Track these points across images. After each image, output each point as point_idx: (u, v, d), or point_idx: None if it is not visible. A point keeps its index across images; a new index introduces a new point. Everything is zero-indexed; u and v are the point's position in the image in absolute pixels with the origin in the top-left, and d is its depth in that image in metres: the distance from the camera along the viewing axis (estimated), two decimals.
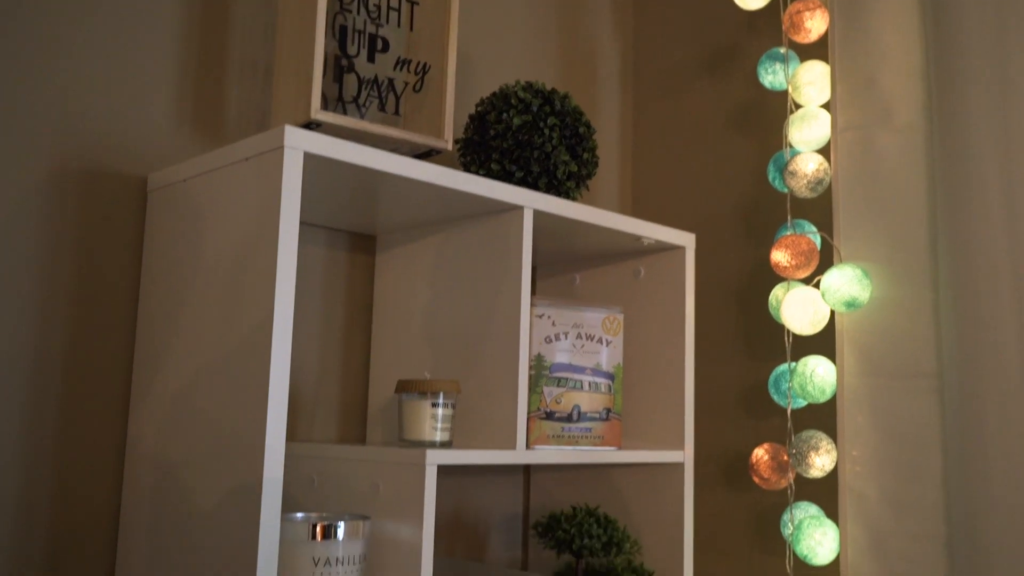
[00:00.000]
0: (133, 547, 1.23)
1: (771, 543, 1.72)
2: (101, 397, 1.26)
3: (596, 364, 1.47)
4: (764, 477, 1.56)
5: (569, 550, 1.43)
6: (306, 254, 1.49)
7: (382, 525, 1.22)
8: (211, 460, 1.12)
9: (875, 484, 1.45)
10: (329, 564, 1.12)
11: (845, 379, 1.49)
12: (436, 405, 1.26)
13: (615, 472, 1.62)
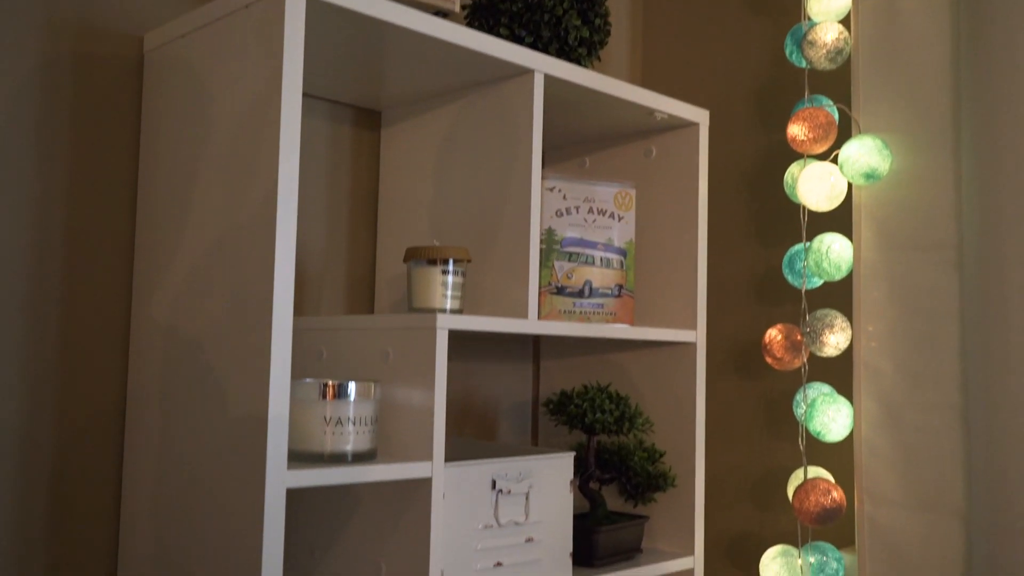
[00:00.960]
0: (143, 417, 1.22)
1: (783, 428, 1.71)
2: (103, 274, 1.23)
3: (608, 239, 1.44)
4: (777, 357, 1.54)
5: (581, 425, 1.41)
6: (310, 128, 1.45)
7: (393, 392, 1.21)
8: (220, 336, 1.10)
9: (891, 358, 1.44)
10: (341, 424, 1.10)
11: (862, 254, 1.46)
12: (446, 272, 1.24)
13: (626, 357, 1.60)
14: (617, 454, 1.50)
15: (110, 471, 1.23)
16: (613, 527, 1.43)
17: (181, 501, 1.14)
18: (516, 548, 1.27)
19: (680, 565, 1.50)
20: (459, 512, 1.21)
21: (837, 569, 1.50)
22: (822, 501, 1.42)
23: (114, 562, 1.23)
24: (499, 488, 1.25)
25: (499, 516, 1.25)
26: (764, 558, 1.54)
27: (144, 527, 1.19)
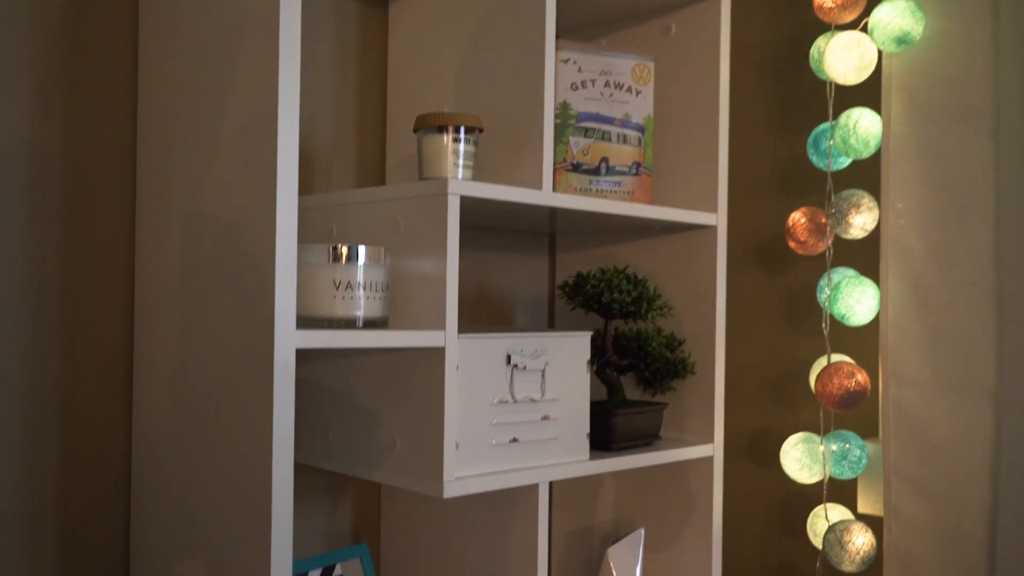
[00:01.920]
0: (155, 303, 1.19)
1: (805, 321, 1.68)
2: (105, 189, 1.20)
3: (625, 115, 1.39)
4: (801, 241, 1.50)
5: (598, 306, 1.38)
6: (317, 5, 1.40)
7: (405, 264, 1.17)
8: (229, 212, 1.06)
9: (920, 236, 1.39)
10: (351, 288, 1.07)
11: (892, 127, 1.40)
12: (457, 140, 1.19)
13: (644, 246, 1.56)
14: (635, 340, 1.47)
15: (123, 348, 1.21)
16: (631, 410, 1.41)
17: (195, 374, 1.11)
18: (532, 425, 1.24)
19: (699, 452, 1.48)
20: (473, 386, 1.18)
21: (860, 457, 1.47)
22: (846, 384, 1.39)
23: (128, 435, 1.22)
24: (514, 363, 1.22)
25: (515, 392, 1.22)
26: (785, 445, 1.51)
27: (160, 399, 1.17)
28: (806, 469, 1.47)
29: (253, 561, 0.99)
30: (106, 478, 1.20)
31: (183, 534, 1.11)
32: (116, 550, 1.20)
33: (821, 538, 1.49)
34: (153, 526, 1.16)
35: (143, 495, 1.18)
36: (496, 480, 1.19)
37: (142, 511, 1.18)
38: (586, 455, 1.32)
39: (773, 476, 1.71)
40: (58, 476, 1.16)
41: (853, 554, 1.39)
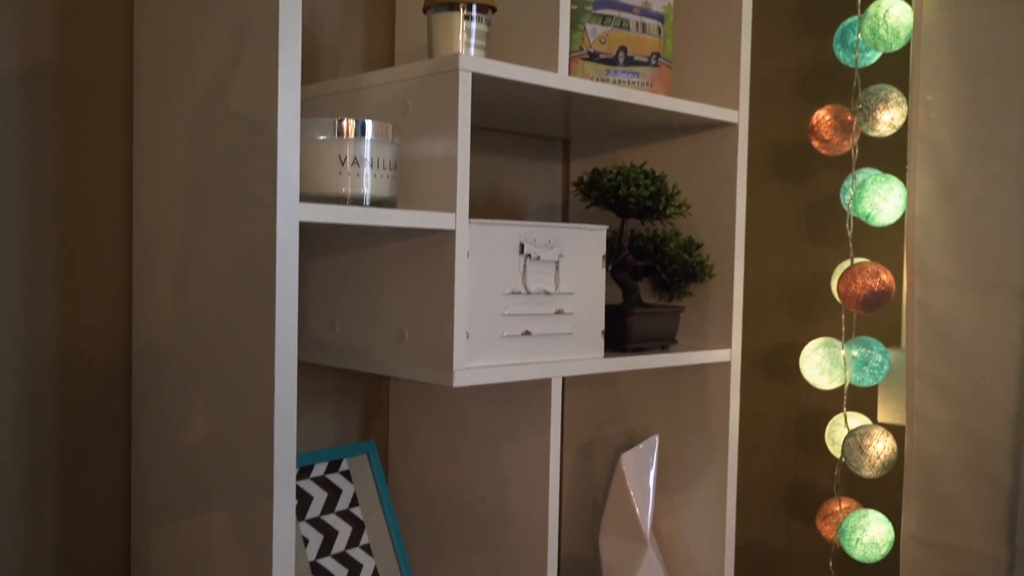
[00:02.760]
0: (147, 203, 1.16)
1: (828, 231, 1.63)
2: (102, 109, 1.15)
3: (645, 2, 1.33)
4: (825, 139, 1.44)
5: (614, 200, 1.33)
6: None
7: (413, 148, 1.13)
8: (229, 109, 1.02)
9: (951, 129, 1.33)
10: (357, 164, 1.02)
11: (924, 14, 1.34)
12: (469, 18, 1.14)
13: (662, 148, 1.51)
14: (652, 241, 1.43)
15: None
16: (647, 310, 1.37)
17: (197, 264, 1.08)
18: (545, 319, 1.21)
19: (717, 357, 1.44)
20: (485, 274, 1.14)
21: (882, 363, 1.43)
22: (870, 284, 1.34)
23: (128, 336, 1.19)
24: (528, 253, 1.18)
25: (527, 283, 1.19)
26: (805, 350, 1.47)
27: (162, 287, 1.14)
28: (826, 374, 1.44)
29: (257, 455, 0.96)
30: (106, 374, 1.17)
31: (186, 430, 1.08)
32: (118, 444, 1.18)
33: (839, 447, 1.46)
34: (155, 422, 1.14)
35: (144, 395, 1.16)
36: (507, 372, 1.15)
37: (143, 410, 1.16)
38: (600, 352, 1.28)
39: (790, 391, 1.68)
40: (57, 374, 1.13)
41: (873, 459, 1.36)
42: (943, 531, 1.36)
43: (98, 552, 1.16)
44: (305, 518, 1.11)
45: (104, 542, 1.17)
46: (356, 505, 1.17)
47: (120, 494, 1.17)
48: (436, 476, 1.35)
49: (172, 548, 1.10)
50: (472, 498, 1.30)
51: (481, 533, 1.29)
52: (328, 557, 1.12)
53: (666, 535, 1.56)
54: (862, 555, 1.37)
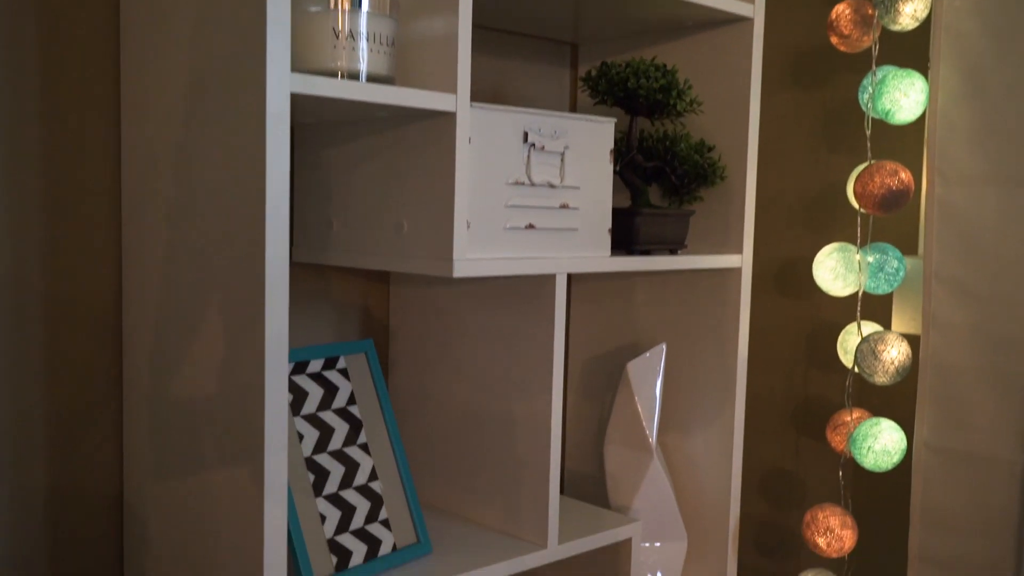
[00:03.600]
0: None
1: (843, 139, 1.57)
2: None
3: None
4: (844, 35, 1.38)
5: (623, 93, 1.27)
6: None
7: (412, 26, 1.07)
8: None
9: (978, 17, 1.27)
10: (353, 39, 0.97)
11: None
12: None
13: (673, 49, 1.45)
14: (662, 141, 1.37)
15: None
16: (656, 211, 1.32)
17: (189, 147, 1.03)
18: (550, 213, 1.16)
19: (727, 262, 1.40)
20: (487, 162, 1.09)
21: (897, 269, 1.38)
22: (888, 182, 1.29)
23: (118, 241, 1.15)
24: (532, 142, 1.13)
25: (531, 173, 1.14)
26: (819, 255, 1.42)
27: (150, 171, 1.09)
28: (840, 279, 1.39)
29: (248, 350, 0.92)
30: (94, 267, 1.13)
31: (176, 334, 1.04)
32: (108, 339, 1.14)
33: (852, 356, 1.42)
34: (145, 337, 1.10)
35: (132, 295, 1.12)
36: (510, 265, 1.11)
37: (132, 309, 1.12)
38: (607, 251, 1.23)
39: (802, 308, 1.64)
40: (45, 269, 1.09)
41: (887, 364, 1.32)
42: (957, 437, 1.33)
43: (89, 462, 1.14)
44: (300, 413, 1.08)
45: (97, 454, 1.14)
46: (354, 403, 1.14)
47: (113, 407, 1.14)
48: (437, 378, 1.32)
49: (165, 453, 1.07)
50: (474, 401, 1.27)
51: (483, 437, 1.26)
52: (324, 454, 1.08)
53: (673, 448, 1.53)
54: (873, 463, 1.34)
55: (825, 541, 1.36)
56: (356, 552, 1.07)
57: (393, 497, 1.14)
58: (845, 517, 1.37)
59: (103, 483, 1.14)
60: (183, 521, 1.05)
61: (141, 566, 1.13)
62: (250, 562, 0.93)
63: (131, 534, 1.15)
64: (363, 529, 1.09)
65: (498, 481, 1.24)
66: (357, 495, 1.10)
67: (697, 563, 1.50)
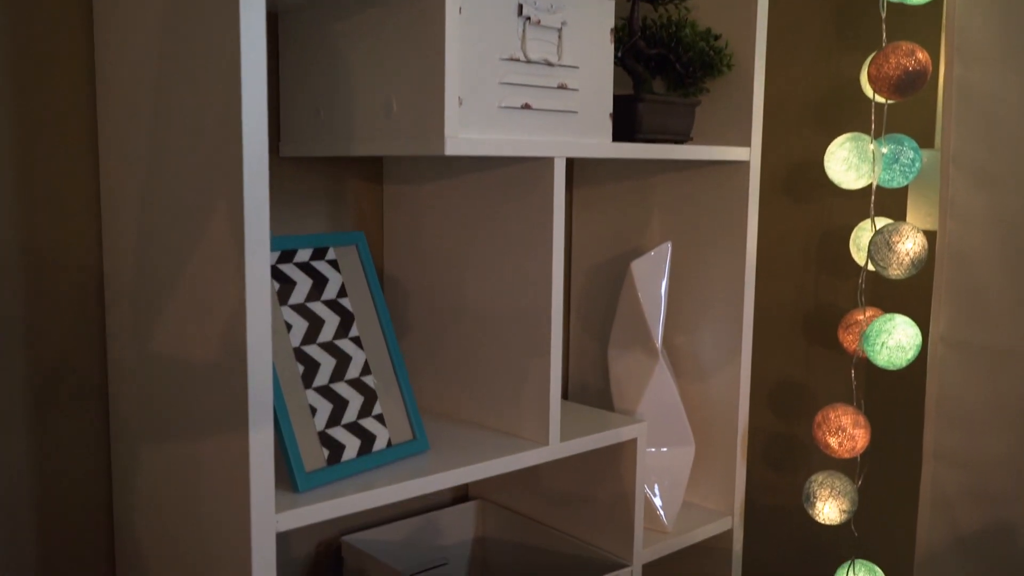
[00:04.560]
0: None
1: (856, 33, 1.49)
2: None
3: None
4: None
5: None
6: None
7: None
8: None
9: None
10: None
11: None
12: None
13: None
14: (666, 28, 1.31)
15: None
16: (660, 98, 1.26)
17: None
18: (547, 92, 1.10)
19: (735, 155, 1.34)
20: (478, 36, 1.03)
21: (913, 160, 1.32)
22: (904, 63, 1.22)
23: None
24: (527, 15, 1.06)
25: (527, 50, 1.07)
26: (831, 146, 1.36)
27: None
28: (853, 170, 1.33)
29: (227, 227, 0.87)
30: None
31: (152, 250, 0.99)
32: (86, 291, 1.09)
33: (864, 253, 1.36)
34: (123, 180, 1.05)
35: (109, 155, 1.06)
36: (504, 146, 1.05)
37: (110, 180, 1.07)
38: (608, 137, 1.18)
39: (812, 213, 1.58)
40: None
41: (902, 256, 1.26)
42: (975, 330, 1.28)
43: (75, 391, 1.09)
44: (288, 303, 1.03)
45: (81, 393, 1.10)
46: (345, 296, 1.09)
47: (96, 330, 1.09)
48: (433, 275, 1.27)
49: (147, 349, 1.03)
50: (472, 298, 1.22)
51: (481, 335, 1.21)
52: (313, 345, 1.04)
53: (679, 352, 1.48)
54: (887, 360, 1.29)
55: (837, 441, 1.32)
56: (349, 446, 1.03)
57: (387, 392, 1.10)
58: (858, 416, 1.33)
59: (90, 442, 1.11)
60: (173, 459, 1.00)
61: (130, 498, 1.09)
62: (236, 468, 0.89)
63: (120, 482, 1.11)
64: (356, 423, 1.05)
65: (498, 380, 1.20)
66: (349, 388, 1.06)
67: (705, 470, 1.46)
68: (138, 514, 1.08)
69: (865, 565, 1.40)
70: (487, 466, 1.09)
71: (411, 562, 1.36)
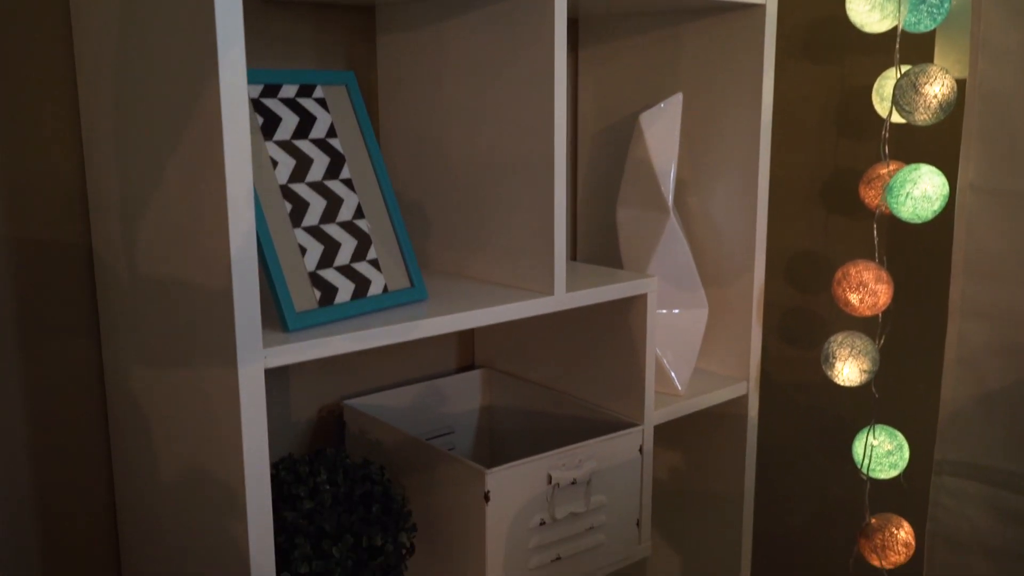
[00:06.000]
0: None
1: None
2: None
3: None
4: None
5: None
6: None
7: None
8: None
9: None
10: None
11: None
12: None
13: None
14: None
15: None
16: None
17: None
18: None
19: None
20: None
21: (941, 0, 1.23)
22: None
23: None
24: None
25: None
26: None
27: None
28: (877, 10, 1.24)
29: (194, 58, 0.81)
30: None
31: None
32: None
33: (888, 103, 1.28)
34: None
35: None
36: None
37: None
38: None
39: (831, 74, 1.49)
40: None
41: (929, 99, 1.18)
42: (1006, 175, 1.21)
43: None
44: (273, 138, 0.97)
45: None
46: (334, 136, 1.03)
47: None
48: (430, 122, 1.20)
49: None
50: (471, 144, 1.16)
51: (481, 184, 1.15)
52: (302, 184, 0.98)
53: (692, 214, 1.41)
54: (911, 212, 1.22)
55: (858, 297, 1.26)
56: (342, 289, 0.98)
57: (382, 237, 1.04)
58: (880, 272, 1.27)
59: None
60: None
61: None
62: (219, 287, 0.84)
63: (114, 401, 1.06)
64: (349, 267, 1.00)
65: (500, 233, 1.14)
66: (341, 231, 1.00)
67: (719, 337, 1.41)
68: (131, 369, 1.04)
69: (885, 430, 1.36)
70: (488, 312, 1.04)
71: (415, 430, 1.33)
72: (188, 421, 0.94)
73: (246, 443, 0.86)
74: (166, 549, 1.04)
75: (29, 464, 1.06)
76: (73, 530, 1.11)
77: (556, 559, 1.15)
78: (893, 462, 1.35)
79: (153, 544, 1.06)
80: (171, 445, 0.98)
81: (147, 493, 1.05)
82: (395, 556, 1.05)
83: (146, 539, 1.08)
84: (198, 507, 0.95)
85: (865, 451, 1.36)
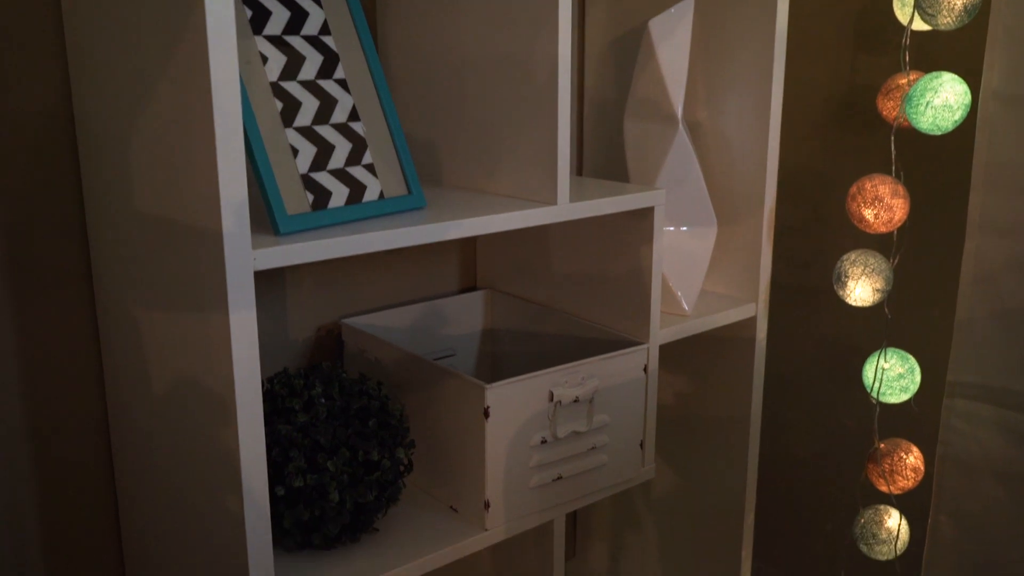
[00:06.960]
0: None
1: None
2: None
3: None
4: None
5: None
6: None
7: None
8: None
9: None
10: None
11: None
12: None
13: None
14: None
15: None
16: None
17: None
18: None
19: None
20: None
21: None
22: None
23: None
24: None
25: None
26: None
27: None
28: None
29: None
30: None
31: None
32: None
33: (909, 7, 1.22)
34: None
35: None
36: None
37: None
38: None
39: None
40: None
41: (953, 1, 1.12)
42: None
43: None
44: (262, 33, 0.92)
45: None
46: (328, 34, 0.98)
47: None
48: (428, 26, 1.15)
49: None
50: (471, 45, 1.10)
51: (482, 94, 1.10)
52: (293, 82, 0.93)
53: (702, 129, 1.36)
54: (931, 122, 1.17)
55: (873, 212, 1.22)
56: (336, 193, 0.94)
57: (378, 142, 1.00)
58: (896, 186, 1.22)
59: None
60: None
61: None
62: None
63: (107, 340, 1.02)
64: (343, 170, 0.95)
65: (502, 142, 1.09)
66: (335, 133, 0.96)
67: (728, 258, 1.37)
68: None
69: (897, 352, 1.32)
70: (488, 221, 1.00)
71: (414, 352, 1.29)
72: (179, 332, 0.91)
73: (235, 349, 0.83)
74: (160, 469, 1.01)
75: (21, 403, 1.03)
76: (66, 451, 1.08)
77: (557, 478, 1.12)
78: (904, 385, 1.32)
79: (147, 461, 1.04)
80: (163, 359, 0.95)
81: (140, 410, 1.02)
82: (392, 472, 1.02)
83: (140, 457, 1.05)
84: (191, 419, 0.92)
85: (876, 375, 1.32)
